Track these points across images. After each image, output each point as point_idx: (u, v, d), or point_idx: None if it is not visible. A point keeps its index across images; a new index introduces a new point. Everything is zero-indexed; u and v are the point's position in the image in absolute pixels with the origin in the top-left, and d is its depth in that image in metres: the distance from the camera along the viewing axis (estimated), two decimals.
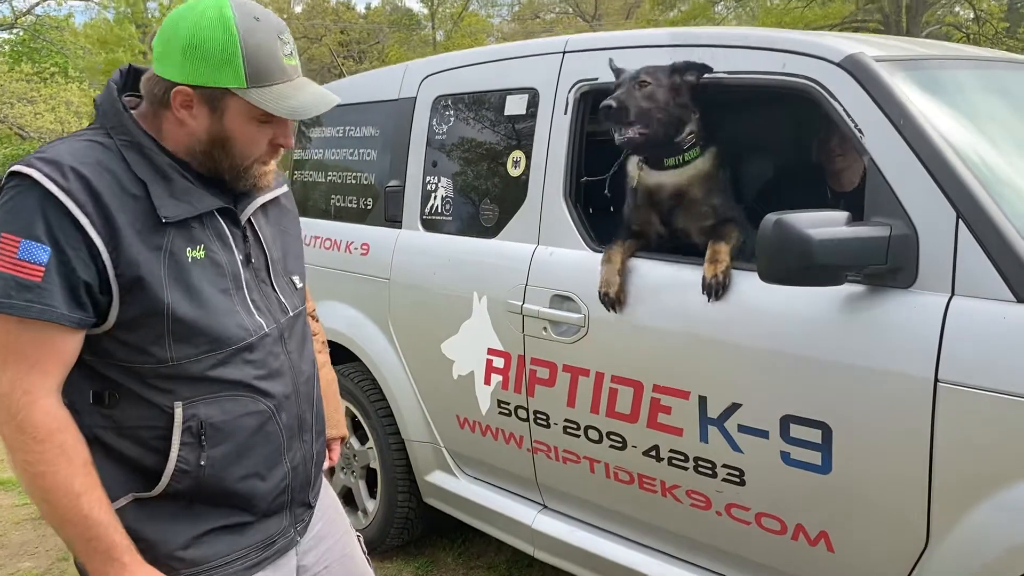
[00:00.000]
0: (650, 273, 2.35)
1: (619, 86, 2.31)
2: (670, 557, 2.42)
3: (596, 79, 2.53)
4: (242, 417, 1.47)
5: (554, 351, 2.54)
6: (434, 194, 3.05)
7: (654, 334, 2.29)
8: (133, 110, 1.46)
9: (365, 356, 3.24)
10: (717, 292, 2.15)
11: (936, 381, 1.79)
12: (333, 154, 3.61)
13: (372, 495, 3.40)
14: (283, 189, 1.70)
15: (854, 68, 2.01)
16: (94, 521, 1.34)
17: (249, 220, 1.55)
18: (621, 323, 2.37)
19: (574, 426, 2.52)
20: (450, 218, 3.00)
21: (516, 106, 2.77)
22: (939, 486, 1.81)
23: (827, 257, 1.81)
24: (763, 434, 2.09)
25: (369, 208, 3.36)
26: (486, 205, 2.86)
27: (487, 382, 2.77)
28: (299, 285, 1.66)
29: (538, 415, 2.62)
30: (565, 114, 2.60)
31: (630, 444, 2.38)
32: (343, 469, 3.50)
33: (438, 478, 3.09)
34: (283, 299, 1.59)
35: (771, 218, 1.84)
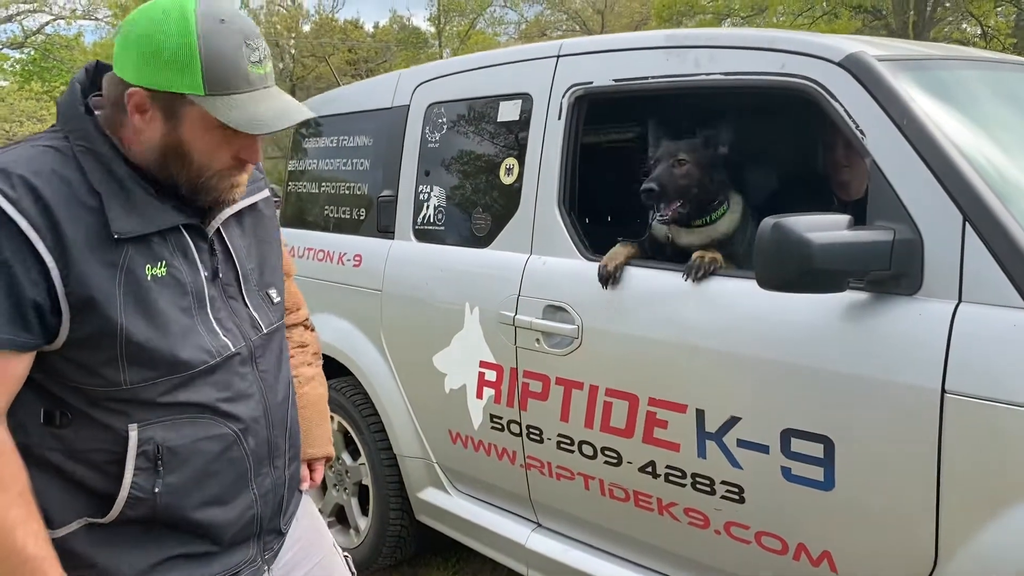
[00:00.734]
0: (645, 281, 2.27)
1: (657, 162, 2.35)
2: None
3: (591, 83, 2.46)
4: (202, 441, 1.37)
5: (547, 363, 2.46)
6: (426, 203, 2.98)
7: (649, 344, 2.21)
8: (99, 111, 1.35)
9: (357, 369, 3.16)
10: (697, 273, 2.14)
11: (943, 392, 1.70)
12: (327, 164, 3.55)
13: (365, 512, 3.31)
14: (261, 194, 1.58)
15: (855, 67, 1.94)
16: (28, 556, 1.23)
17: (219, 232, 1.45)
18: (615, 334, 2.28)
19: (568, 441, 2.43)
20: (442, 228, 2.92)
21: (509, 112, 2.70)
22: (947, 503, 1.72)
23: (828, 262, 1.73)
24: (763, 449, 2.00)
25: (362, 219, 3.29)
26: (479, 214, 2.79)
27: (479, 396, 2.69)
28: (276, 299, 1.55)
29: (531, 430, 2.54)
30: (559, 120, 2.53)
31: (625, 460, 2.29)
32: (335, 486, 3.41)
33: (430, 495, 3.00)
34: (256, 315, 1.48)
35: (769, 221, 1.76)
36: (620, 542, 2.43)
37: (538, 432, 2.52)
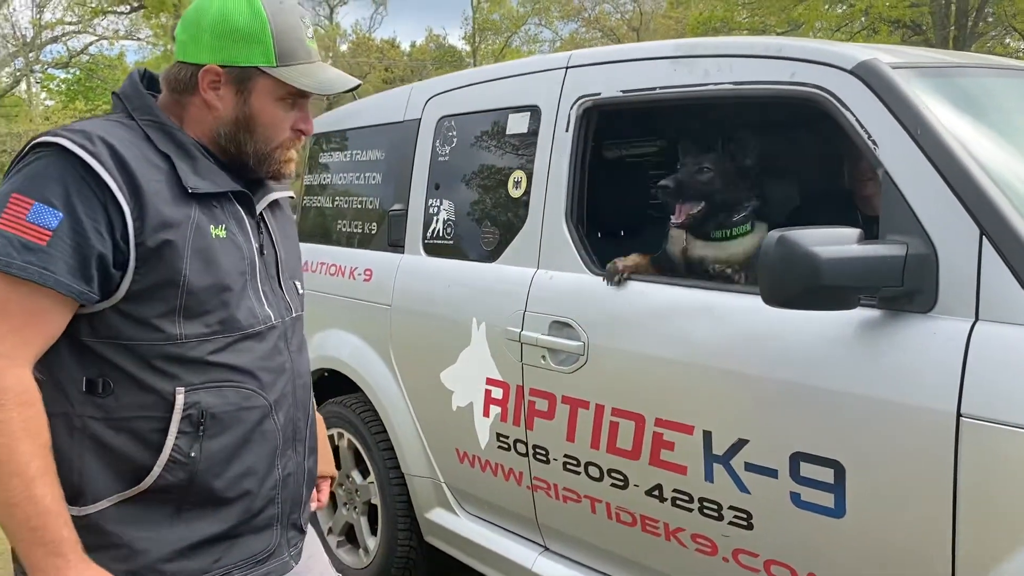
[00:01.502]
0: (652, 297, 2.20)
1: (683, 167, 2.34)
2: None
3: (598, 94, 2.41)
4: (244, 410, 1.41)
5: (553, 381, 2.39)
6: (436, 217, 2.94)
7: (655, 363, 2.13)
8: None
9: (366, 386, 3.12)
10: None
11: (959, 416, 1.60)
12: (341, 179, 3.54)
13: (374, 532, 3.25)
14: (288, 192, 1.68)
15: (867, 75, 1.86)
16: (44, 508, 1.24)
17: (261, 214, 1.53)
18: (621, 351, 2.21)
19: (574, 462, 2.36)
20: (451, 242, 2.88)
21: (518, 125, 2.65)
22: (964, 532, 1.62)
23: (836, 278, 1.65)
24: (771, 473, 1.91)
25: (373, 233, 3.26)
26: (487, 228, 2.74)
27: (486, 414, 2.63)
28: (301, 291, 1.63)
29: (537, 450, 2.47)
30: (567, 131, 2.47)
31: (632, 483, 2.21)
32: (345, 504, 3.36)
33: (438, 516, 2.94)
34: (287, 299, 1.55)
35: (774, 235, 1.69)
36: (627, 568, 2.35)
37: (544, 452, 2.45)
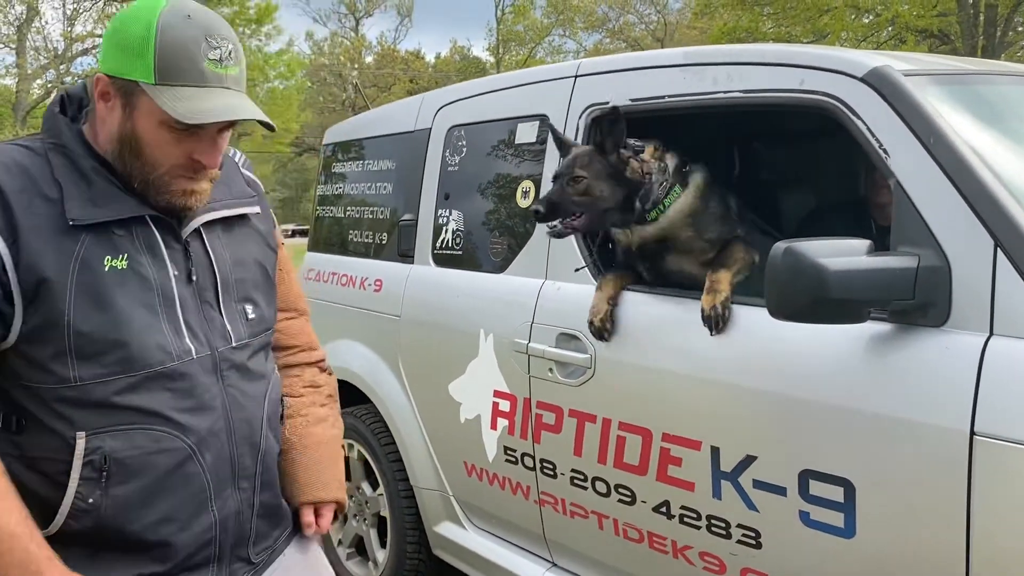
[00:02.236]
0: (658, 310, 2.15)
1: (556, 179, 2.19)
2: None
3: (607, 103, 2.37)
4: (154, 454, 1.32)
5: (560, 394, 2.35)
6: (445, 228, 2.91)
7: (662, 376, 2.09)
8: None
9: (375, 397, 3.10)
10: (717, 324, 1.96)
11: (972, 434, 1.54)
12: (352, 188, 3.53)
13: (383, 544, 3.22)
14: (251, 208, 1.55)
15: (879, 82, 1.81)
16: (8, 532, 1.21)
17: (201, 235, 1.42)
18: (628, 364, 2.17)
19: (581, 477, 2.31)
20: (460, 252, 2.85)
21: (527, 134, 2.62)
22: (979, 555, 1.55)
23: (845, 291, 1.60)
24: (780, 491, 1.85)
25: (384, 243, 3.24)
26: (495, 238, 2.71)
27: (493, 427, 2.59)
28: (251, 315, 1.50)
29: (544, 464, 2.43)
30: (576, 139, 2.43)
31: (639, 499, 2.17)
32: (355, 516, 3.33)
33: (447, 529, 2.90)
34: (228, 327, 1.44)
35: (780, 246, 1.64)
36: None
37: (552, 466, 2.40)
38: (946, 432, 1.58)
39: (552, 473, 2.40)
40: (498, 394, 2.56)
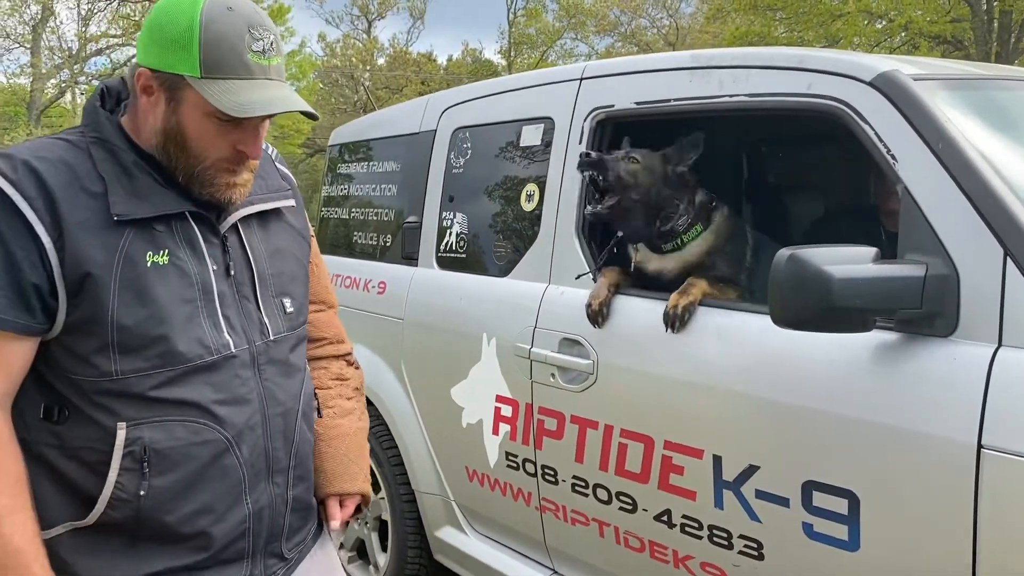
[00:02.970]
0: (661, 317, 2.12)
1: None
2: None
3: (612, 106, 2.35)
4: (193, 446, 1.32)
5: (562, 400, 2.33)
6: (449, 230, 2.89)
7: (664, 383, 2.06)
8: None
9: (378, 400, 3.07)
10: (673, 324, 2.01)
11: (979, 447, 1.51)
12: (358, 190, 3.51)
13: (385, 548, 3.20)
14: (286, 202, 1.55)
15: (887, 87, 1.78)
16: (13, 548, 1.20)
17: (238, 230, 1.43)
18: (630, 370, 2.14)
19: (582, 484, 2.29)
20: (464, 256, 2.83)
21: (531, 137, 2.60)
22: (985, 571, 1.52)
23: (850, 299, 1.57)
24: (783, 502, 1.82)
25: (388, 245, 3.22)
26: (499, 241, 2.68)
27: (495, 432, 2.57)
28: (289, 309, 1.50)
29: (546, 470, 2.40)
30: (580, 144, 2.41)
31: (640, 507, 2.14)
32: (357, 519, 3.31)
33: (448, 534, 2.88)
34: (266, 321, 1.44)
35: (784, 253, 1.61)
36: None
37: (553, 473, 2.38)
38: (953, 444, 1.55)
39: (553, 479, 2.38)
40: (500, 399, 2.54)
